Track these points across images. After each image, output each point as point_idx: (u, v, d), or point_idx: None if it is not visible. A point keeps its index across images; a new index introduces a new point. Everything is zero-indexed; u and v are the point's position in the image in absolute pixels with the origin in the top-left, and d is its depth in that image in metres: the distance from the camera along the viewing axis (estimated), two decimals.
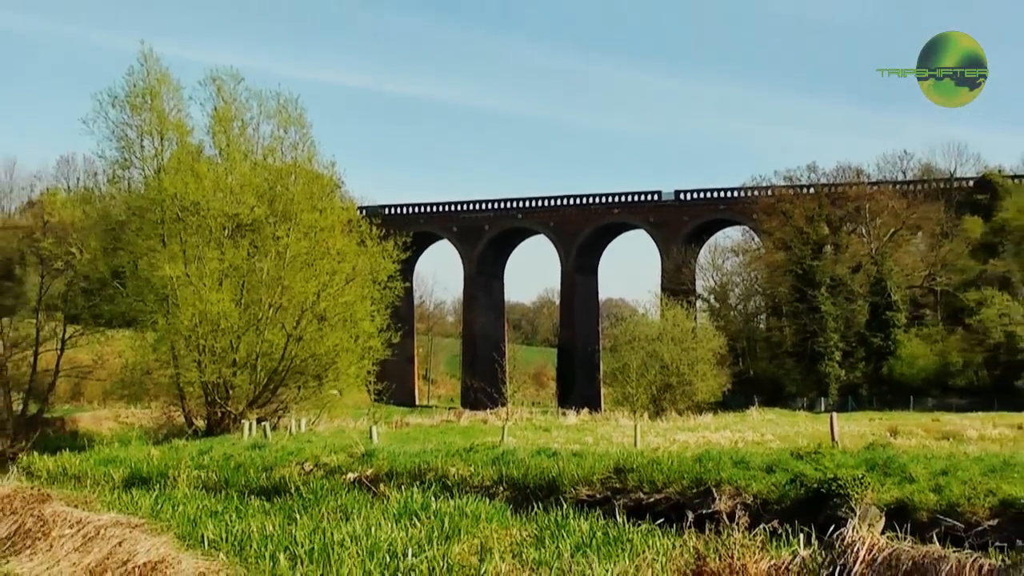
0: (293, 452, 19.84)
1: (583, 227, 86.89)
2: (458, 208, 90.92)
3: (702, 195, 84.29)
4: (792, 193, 74.73)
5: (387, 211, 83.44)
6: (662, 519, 13.29)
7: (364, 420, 33.39)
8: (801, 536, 10.26)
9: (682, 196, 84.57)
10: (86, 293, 39.42)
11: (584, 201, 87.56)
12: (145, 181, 33.98)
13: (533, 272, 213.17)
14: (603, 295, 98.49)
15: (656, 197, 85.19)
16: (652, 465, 15.03)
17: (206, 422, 32.31)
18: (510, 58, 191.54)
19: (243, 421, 27.78)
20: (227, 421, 31.21)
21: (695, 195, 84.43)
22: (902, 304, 67.48)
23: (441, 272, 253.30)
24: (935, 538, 9.30)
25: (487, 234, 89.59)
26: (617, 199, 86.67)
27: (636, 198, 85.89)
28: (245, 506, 15.54)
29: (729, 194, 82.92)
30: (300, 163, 34.61)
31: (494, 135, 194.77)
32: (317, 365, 33.42)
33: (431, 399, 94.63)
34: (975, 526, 11.54)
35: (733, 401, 56.88)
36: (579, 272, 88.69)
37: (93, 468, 20.43)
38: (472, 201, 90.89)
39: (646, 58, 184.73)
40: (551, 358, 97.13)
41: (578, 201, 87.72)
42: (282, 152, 34.55)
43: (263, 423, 27.09)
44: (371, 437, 22.05)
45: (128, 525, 10.15)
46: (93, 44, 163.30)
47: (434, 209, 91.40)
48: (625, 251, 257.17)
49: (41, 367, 41.87)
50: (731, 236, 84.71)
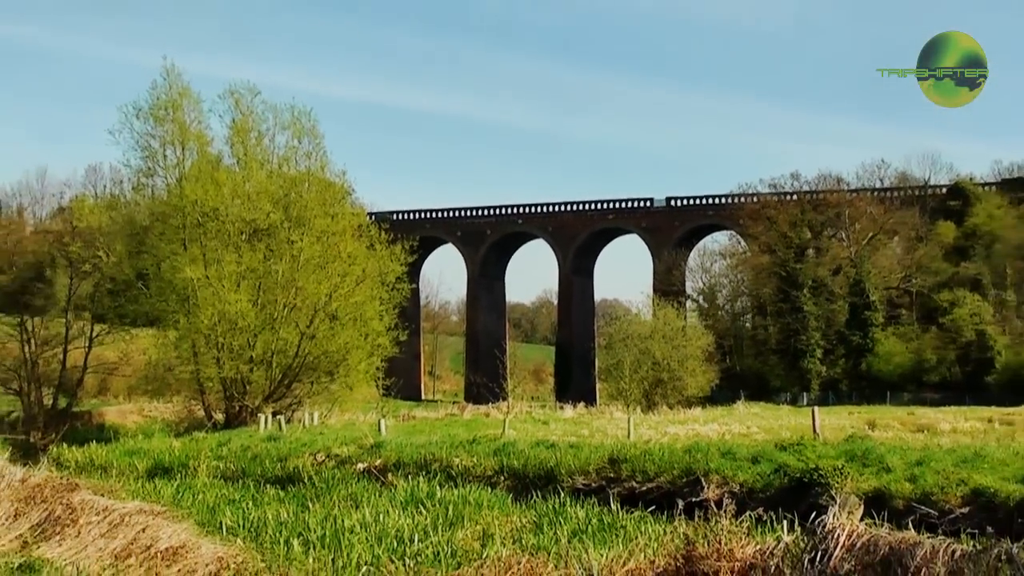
0: (306, 444, 19.76)
1: (580, 232, 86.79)
2: (462, 214, 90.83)
3: (692, 202, 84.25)
4: (776, 200, 74.87)
5: (395, 217, 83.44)
6: (654, 507, 13.26)
7: (373, 413, 33.34)
8: (785, 523, 10.28)
9: (673, 203, 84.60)
10: (112, 294, 39.44)
11: (581, 207, 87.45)
12: (168, 188, 34.02)
13: (533, 274, 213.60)
14: (598, 296, 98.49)
15: (648, 203, 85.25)
16: (644, 456, 15.01)
17: (224, 416, 32.31)
18: (510, 73, 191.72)
19: (259, 415, 27.74)
20: (244, 415, 31.21)
21: (685, 202, 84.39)
22: (880, 304, 67.49)
23: (446, 274, 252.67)
24: (910, 525, 9.28)
25: (489, 238, 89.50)
26: (612, 205, 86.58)
27: (630, 204, 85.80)
28: (261, 494, 15.50)
29: (717, 201, 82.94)
30: (313, 172, 34.62)
31: (495, 145, 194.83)
32: (329, 362, 33.45)
33: (436, 394, 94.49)
34: (948, 514, 11.53)
35: (720, 396, 56.79)
36: (576, 274, 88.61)
37: (118, 459, 20.36)
38: (475, 207, 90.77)
39: (640, 72, 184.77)
40: (550, 355, 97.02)
41: (575, 207, 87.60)
42: (296, 161, 34.57)
43: (278, 416, 27.03)
44: (379, 429, 22.03)
45: (151, 512, 10.13)
46: (120, 60, 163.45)
47: (439, 215, 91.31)
48: (619, 254, 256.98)
49: (70, 364, 41.99)
50: (719, 240, 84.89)
